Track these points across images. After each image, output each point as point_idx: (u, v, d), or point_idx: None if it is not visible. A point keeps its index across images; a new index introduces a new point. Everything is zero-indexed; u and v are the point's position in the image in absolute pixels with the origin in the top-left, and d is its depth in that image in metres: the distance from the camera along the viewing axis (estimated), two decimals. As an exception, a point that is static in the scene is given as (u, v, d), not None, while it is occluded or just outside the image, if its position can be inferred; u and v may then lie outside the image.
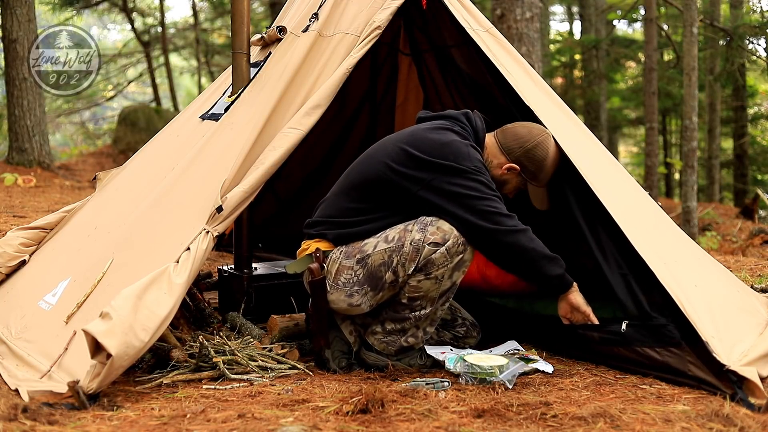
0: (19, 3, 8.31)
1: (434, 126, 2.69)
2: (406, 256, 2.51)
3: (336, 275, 2.59)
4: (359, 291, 2.57)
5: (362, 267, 2.55)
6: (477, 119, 2.77)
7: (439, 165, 2.54)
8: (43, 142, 8.81)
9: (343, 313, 2.65)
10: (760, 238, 7.30)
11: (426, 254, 2.49)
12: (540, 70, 6.72)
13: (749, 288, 3.37)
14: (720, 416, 2.02)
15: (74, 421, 2.01)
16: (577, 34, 17.97)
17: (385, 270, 2.53)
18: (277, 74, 2.98)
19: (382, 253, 2.53)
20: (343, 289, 2.58)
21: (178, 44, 17.66)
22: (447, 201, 2.52)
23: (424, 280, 2.53)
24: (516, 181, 2.78)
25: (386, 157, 2.61)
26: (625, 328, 2.57)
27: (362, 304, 2.59)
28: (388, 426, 1.99)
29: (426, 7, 3.14)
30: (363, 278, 2.56)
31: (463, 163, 2.54)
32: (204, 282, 3.77)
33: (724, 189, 15.02)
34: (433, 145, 2.58)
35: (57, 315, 2.66)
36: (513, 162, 2.74)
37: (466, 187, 2.52)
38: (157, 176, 3.07)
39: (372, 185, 2.62)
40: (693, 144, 7.20)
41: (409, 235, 2.52)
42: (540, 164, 2.75)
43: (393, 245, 2.53)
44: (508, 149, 2.74)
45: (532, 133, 2.76)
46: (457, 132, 2.66)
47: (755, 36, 9.31)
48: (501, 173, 2.75)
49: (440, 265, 2.51)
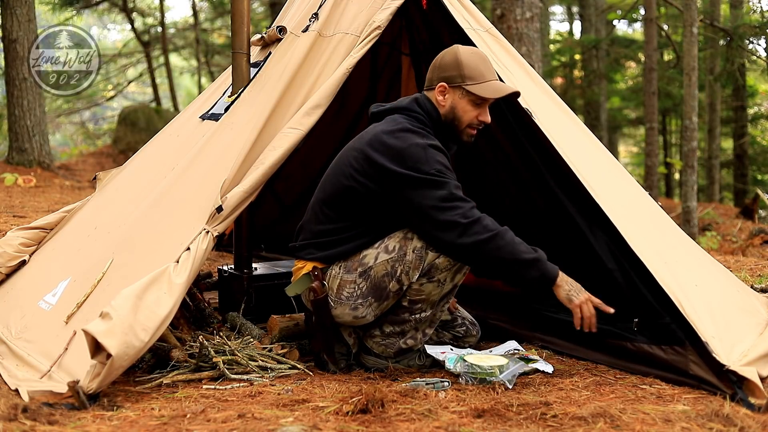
0: (19, 3, 8.31)
1: (391, 128, 2.55)
2: (409, 264, 2.50)
3: (338, 290, 2.57)
4: (363, 303, 2.56)
5: (365, 279, 2.54)
6: (425, 101, 2.66)
7: (400, 175, 2.46)
8: (43, 142, 8.81)
9: (349, 325, 2.65)
10: (760, 238, 7.30)
11: (430, 260, 2.49)
12: (540, 70, 6.71)
13: (749, 288, 3.37)
14: (720, 416, 2.02)
15: (74, 421, 2.01)
16: (577, 34, 17.97)
17: (389, 280, 2.52)
18: (277, 74, 2.98)
19: (385, 264, 2.52)
20: (347, 303, 2.57)
21: (178, 44, 17.66)
22: (413, 214, 2.48)
23: (427, 283, 2.53)
24: (464, 101, 2.61)
25: (350, 168, 2.56)
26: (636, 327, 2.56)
27: (367, 315, 2.58)
28: (388, 426, 1.99)
29: (426, 7, 3.14)
30: (367, 290, 2.55)
31: (422, 169, 2.45)
32: (204, 282, 3.77)
33: (724, 189, 15.02)
34: (391, 152, 2.49)
35: (57, 315, 2.66)
36: (436, 84, 2.64)
37: (429, 197, 2.44)
38: (157, 176, 3.07)
39: (343, 199, 2.57)
40: (693, 144, 7.20)
41: (410, 243, 2.51)
42: (456, 63, 2.60)
43: (395, 255, 2.51)
44: (430, 83, 2.67)
45: (438, 55, 2.69)
46: (414, 128, 2.55)
47: (755, 36, 9.31)
48: (443, 103, 2.63)
49: (443, 269, 2.51)
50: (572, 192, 2.81)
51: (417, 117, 2.62)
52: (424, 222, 2.46)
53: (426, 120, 2.62)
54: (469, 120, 2.64)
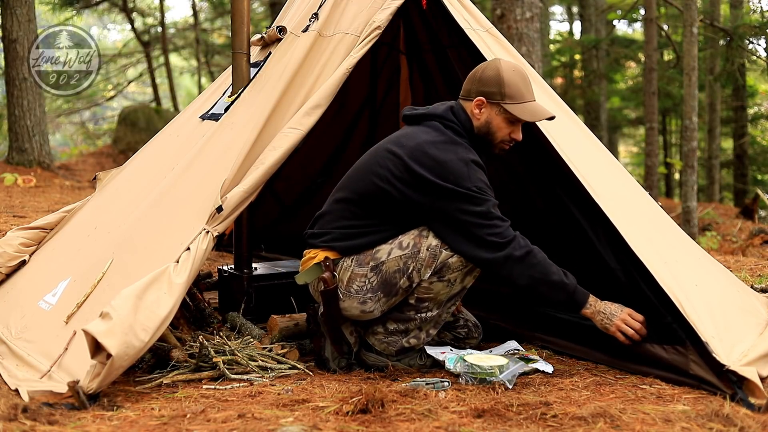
0: (19, 3, 8.31)
1: (434, 140, 2.57)
2: (422, 261, 2.50)
3: (348, 283, 2.58)
4: (372, 297, 2.56)
5: (376, 274, 2.54)
6: (460, 111, 2.67)
7: (441, 188, 2.48)
8: (43, 142, 8.81)
9: (355, 319, 2.64)
10: (760, 238, 7.30)
11: (443, 259, 2.49)
12: (540, 70, 6.72)
13: (749, 288, 3.37)
14: (720, 416, 2.02)
15: (74, 421, 2.01)
16: (577, 34, 17.97)
17: (400, 276, 2.53)
18: (277, 74, 2.98)
19: (397, 260, 2.53)
20: (355, 297, 2.57)
21: (178, 44, 17.66)
22: (450, 229, 2.50)
23: (437, 282, 2.53)
24: (499, 118, 2.63)
25: (386, 171, 2.55)
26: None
27: (375, 310, 2.59)
28: (388, 426, 1.99)
29: (426, 7, 3.14)
30: (377, 285, 2.55)
31: (463, 185, 2.48)
32: (204, 282, 3.77)
33: (724, 189, 15.03)
34: (434, 164, 2.50)
35: (57, 315, 2.66)
36: (474, 97, 2.64)
37: (467, 212, 2.47)
38: (157, 176, 3.07)
39: (374, 200, 2.58)
40: (693, 144, 7.20)
41: (425, 241, 2.51)
42: (497, 80, 2.61)
43: (408, 251, 2.52)
44: (467, 93, 2.67)
45: (478, 66, 2.70)
46: (458, 141, 2.58)
47: (755, 36, 9.30)
48: (478, 117, 2.64)
49: (455, 269, 2.51)
50: (573, 192, 2.81)
51: (453, 127, 2.63)
52: (464, 238, 2.48)
53: (461, 131, 2.63)
54: (503, 137, 2.67)
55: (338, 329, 2.63)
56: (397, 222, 2.58)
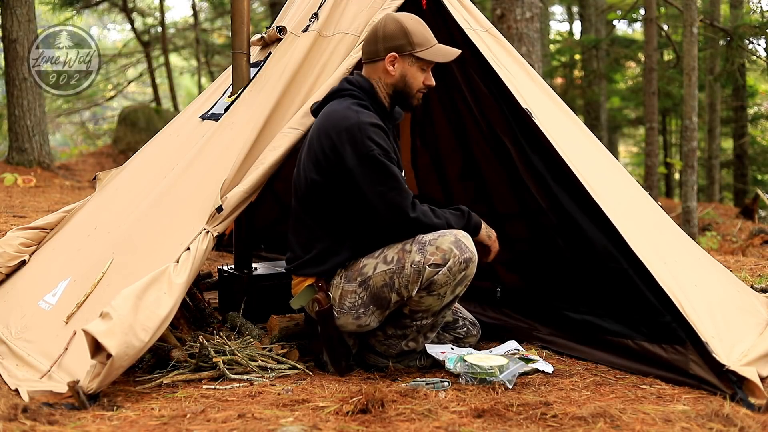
0: (19, 3, 8.31)
1: (328, 117, 2.58)
2: (407, 278, 2.48)
3: (340, 300, 2.57)
4: (366, 312, 2.56)
5: (365, 289, 2.54)
6: (357, 77, 2.67)
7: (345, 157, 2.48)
8: (43, 142, 8.80)
9: (354, 332, 2.64)
10: (760, 238, 7.30)
11: (428, 276, 2.46)
12: (540, 70, 6.71)
13: (749, 288, 3.37)
14: (720, 416, 2.02)
15: (74, 421, 2.01)
16: (577, 34, 17.96)
17: (388, 291, 2.51)
18: (277, 74, 2.98)
19: (383, 275, 2.51)
20: (350, 313, 2.57)
21: (178, 44, 17.65)
22: (364, 194, 2.49)
23: (427, 296, 2.51)
24: (413, 68, 2.63)
25: (306, 164, 2.58)
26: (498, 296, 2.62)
27: (371, 322, 2.59)
28: (388, 426, 1.99)
29: (426, 7, 3.14)
30: (368, 299, 2.54)
31: (362, 149, 2.47)
32: (204, 282, 3.77)
33: (724, 189, 15.02)
34: (336, 136, 2.50)
35: (57, 315, 2.67)
36: (384, 55, 2.62)
37: (372, 179, 2.48)
38: (157, 176, 3.07)
39: (309, 199, 2.58)
40: (693, 144, 7.20)
41: (408, 256, 2.49)
42: (402, 31, 2.59)
43: (393, 267, 2.50)
44: (375, 54, 2.64)
45: (373, 26, 2.69)
46: (354, 106, 2.55)
47: (755, 36, 9.30)
48: (393, 73, 2.62)
49: (443, 284, 2.48)
50: (572, 192, 2.81)
51: (352, 93, 2.61)
52: (375, 197, 2.48)
53: (360, 95, 2.62)
54: (418, 86, 2.67)
55: (337, 348, 2.62)
56: (337, 224, 2.57)
